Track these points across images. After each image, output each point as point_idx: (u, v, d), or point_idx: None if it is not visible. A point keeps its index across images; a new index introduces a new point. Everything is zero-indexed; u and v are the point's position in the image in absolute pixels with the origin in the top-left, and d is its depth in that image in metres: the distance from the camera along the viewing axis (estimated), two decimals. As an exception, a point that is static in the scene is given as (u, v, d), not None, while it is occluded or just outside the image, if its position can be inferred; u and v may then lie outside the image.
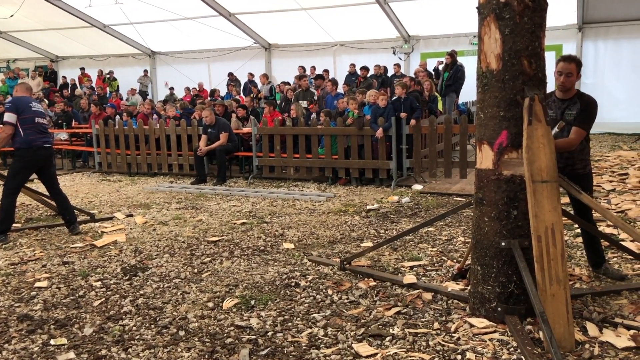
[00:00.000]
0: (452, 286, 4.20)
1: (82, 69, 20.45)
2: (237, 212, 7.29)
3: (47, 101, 16.03)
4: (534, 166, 3.43)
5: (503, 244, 3.58)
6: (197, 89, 17.75)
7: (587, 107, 4.05)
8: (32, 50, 22.09)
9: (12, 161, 6.30)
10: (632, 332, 3.36)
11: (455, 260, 4.88)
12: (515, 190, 3.57)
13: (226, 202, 8.00)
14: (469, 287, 3.94)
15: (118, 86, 19.67)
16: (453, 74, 12.00)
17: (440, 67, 13.33)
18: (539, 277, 3.32)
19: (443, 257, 5.03)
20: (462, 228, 6.02)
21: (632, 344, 3.21)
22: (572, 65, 4.04)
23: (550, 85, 3.70)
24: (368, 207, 7.21)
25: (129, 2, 16.07)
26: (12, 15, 17.42)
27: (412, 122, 8.43)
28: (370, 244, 5.42)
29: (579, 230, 5.50)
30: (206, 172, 9.90)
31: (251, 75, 17.20)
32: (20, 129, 6.03)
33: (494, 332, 3.46)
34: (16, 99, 6.22)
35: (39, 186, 6.71)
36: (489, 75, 3.63)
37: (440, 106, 10.81)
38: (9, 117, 5.99)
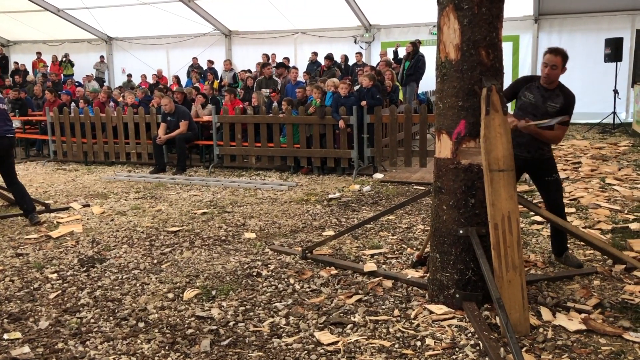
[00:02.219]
0: (412, 273, 4.27)
1: (39, 53, 19.77)
2: (197, 201, 7.21)
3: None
4: (491, 155, 3.50)
5: (461, 231, 3.65)
6: (157, 75, 17.39)
7: (570, 104, 4.19)
8: (-20, 35, 21.26)
9: None
10: (583, 315, 3.48)
11: (414, 248, 4.96)
12: (473, 179, 3.64)
13: (186, 191, 7.90)
14: (428, 275, 4.00)
15: (73, 73, 19.10)
16: (414, 63, 12.10)
17: (400, 50, 13.40)
18: (495, 264, 3.40)
19: (403, 245, 5.09)
20: (421, 216, 6.11)
21: (583, 327, 3.32)
22: (557, 58, 4.11)
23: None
24: (330, 196, 7.23)
25: (84, -14, 15.63)
26: (-42, -2, 16.69)
27: (363, 103, 8.46)
28: (331, 233, 5.45)
29: (534, 218, 5.67)
30: (165, 161, 9.75)
31: (210, 62, 16.96)
32: None
33: (453, 318, 3.53)
34: None
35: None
36: (448, 65, 3.67)
37: (400, 95, 10.90)
38: None
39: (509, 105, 3.84)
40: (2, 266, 4.76)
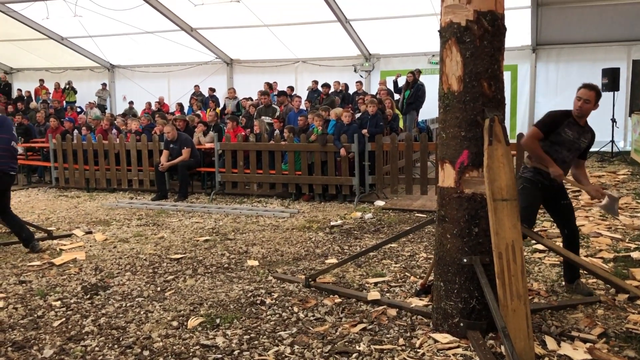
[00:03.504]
0: (416, 302, 4.28)
1: (42, 80, 19.97)
2: (199, 228, 7.23)
3: None
4: (494, 185, 3.55)
5: (465, 260, 3.68)
6: (159, 102, 17.54)
7: (593, 140, 4.43)
8: (-16, 62, 21.49)
9: None
10: (588, 345, 3.48)
11: (418, 276, 4.97)
12: (477, 208, 3.68)
13: (188, 218, 7.93)
14: (432, 303, 4.01)
15: (75, 100, 19.27)
16: (414, 92, 12.25)
17: (400, 80, 13.57)
18: (500, 292, 3.42)
19: (406, 273, 5.11)
20: (424, 244, 6.13)
21: (588, 356, 3.33)
22: (592, 93, 4.24)
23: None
24: (332, 223, 7.26)
25: (88, 15, 15.84)
26: (-36, 26, 16.93)
27: (365, 131, 8.56)
28: (334, 261, 5.47)
29: (536, 246, 5.69)
30: (167, 188, 9.79)
31: (212, 90, 17.13)
32: None
33: (457, 347, 3.54)
34: (3, 116, 6.13)
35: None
36: (451, 96, 3.74)
37: (401, 124, 11.01)
38: None
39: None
40: (5, 294, 4.76)
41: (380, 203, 8.44)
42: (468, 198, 3.69)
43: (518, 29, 13.88)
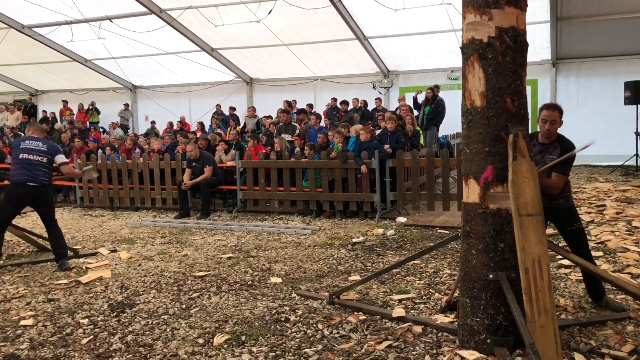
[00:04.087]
0: (441, 319, 4.25)
1: (65, 102, 20.39)
2: (222, 246, 7.28)
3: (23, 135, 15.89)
4: (519, 200, 3.54)
5: (491, 276, 3.66)
6: (180, 122, 17.80)
7: (567, 151, 4.14)
8: (10, 84, 22.01)
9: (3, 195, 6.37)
10: (618, 362, 3.43)
11: (442, 293, 4.94)
12: (502, 223, 3.67)
13: (211, 236, 7.99)
14: (458, 320, 3.99)
15: (99, 120, 19.62)
16: (434, 108, 12.25)
17: (419, 97, 13.59)
18: (527, 308, 3.39)
19: (430, 290, 5.08)
20: (447, 260, 6.09)
21: (619, 373, 3.28)
22: (555, 113, 4.19)
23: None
24: (353, 240, 7.26)
25: (111, 37, 16.20)
26: (-8, 50, 17.40)
27: (386, 147, 8.58)
28: (357, 278, 5.46)
29: (562, 262, 5.63)
30: (190, 206, 9.89)
31: (232, 109, 17.33)
32: (12, 166, 6.22)
33: (485, 364, 3.51)
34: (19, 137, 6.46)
35: (19, 222, 6.64)
36: (474, 112, 3.76)
37: (421, 140, 11.01)
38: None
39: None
40: (35, 311, 4.84)
41: (402, 219, 8.42)
42: (493, 213, 3.68)
43: (537, 44, 13.87)
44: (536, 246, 3.49)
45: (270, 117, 15.18)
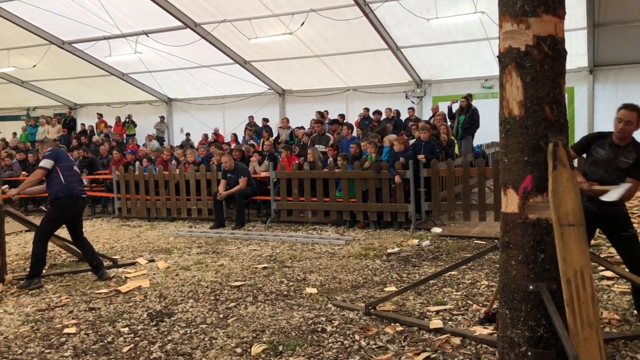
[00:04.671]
0: (480, 330, 4.19)
1: (100, 115, 20.90)
2: (257, 256, 7.34)
3: (65, 147, 16.34)
4: (560, 210, 3.48)
5: (531, 287, 3.59)
6: (214, 134, 18.06)
7: None
8: (51, 99, 22.71)
9: (51, 208, 6.37)
10: (666, 376, 3.33)
11: (481, 304, 4.88)
12: (542, 233, 3.61)
13: (246, 246, 8.06)
14: (497, 332, 3.93)
15: (135, 133, 20.04)
16: (470, 116, 12.15)
17: (454, 106, 13.49)
18: (570, 320, 3.32)
19: (468, 301, 5.02)
20: (484, 271, 6.02)
21: (667, 388, 3.18)
22: (633, 114, 4.02)
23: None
24: (388, 251, 7.23)
25: (147, 52, 16.58)
26: (34, 66, 17.99)
27: (421, 157, 8.53)
28: (393, 288, 5.44)
29: (603, 273, 5.50)
30: (225, 217, 10.00)
31: (265, 120, 17.50)
32: (61, 177, 6.19)
33: (526, 377, 3.44)
34: (55, 148, 6.47)
35: (60, 232, 6.82)
36: (512, 121, 3.72)
37: (456, 149, 10.91)
38: (45, 162, 6.18)
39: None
40: (77, 320, 4.95)
41: (437, 230, 8.36)
42: (533, 223, 3.62)
43: (574, 51, 13.63)
44: (578, 257, 3.43)
45: (302, 127, 15.27)
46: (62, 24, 15.66)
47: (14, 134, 20.72)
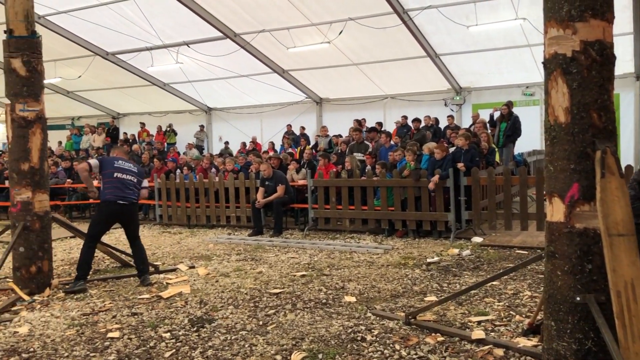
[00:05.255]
0: (524, 342, 4.10)
1: (143, 124, 21.38)
2: (295, 264, 7.35)
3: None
4: (609, 219, 3.37)
5: (578, 298, 3.49)
6: (252, 142, 18.26)
7: None
8: (95, 108, 23.38)
9: (94, 212, 6.70)
10: None
11: (524, 315, 4.77)
12: (589, 243, 3.51)
13: (284, 253, 8.08)
14: (542, 344, 3.83)
15: (175, 141, 20.42)
16: (511, 124, 11.94)
17: (496, 114, 13.30)
18: (620, 334, 3.21)
19: (511, 312, 4.91)
20: (527, 282, 5.88)
21: None
22: None
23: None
24: (428, 260, 7.15)
25: (188, 62, 16.90)
26: (79, 76, 18.55)
27: (460, 165, 8.42)
28: (434, 298, 5.36)
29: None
30: (263, 224, 10.07)
31: (302, 128, 17.60)
32: (103, 183, 6.53)
33: (574, 391, 3.34)
34: (111, 157, 6.87)
35: (103, 238, 6.99)
36: (558, 128, 3.63)
37: (497, 157, 10.74)
38: (91, 160, 6.67)
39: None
40: (120, 324, 5.05)
41: (478, 239, 8.22)
42: (579, 233, 3.52)
43: (620, 56, 13.19)
44: (628, 268, 3.31)
45: (340, 136, 15.28)
46: (106, 36, 16.12)
47: (59, 142, 21.37)
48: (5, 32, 6.24)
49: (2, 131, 25.78)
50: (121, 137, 21.46)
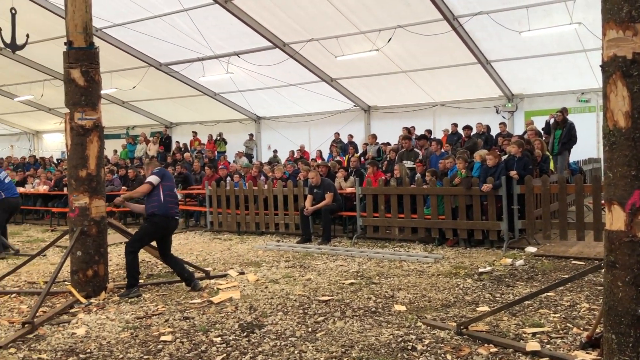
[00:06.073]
0: (582, 355, 3.95)
1: (195, 132, 21.86)
2: (344, 271, 7.33)
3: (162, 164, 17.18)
4: (674, 228, 3.22)
5: (640, 311, 3.35)
6: (300, 150, 18.38)
7: None
8: (148, 118, 24.06)
9: (145, 224, 6.72)
10: None
11: (582, 328, 4.60)
12: (652, 253, 3.36)
13: (332, 261, 8.08)
14: (601, 358, 3.68)
15: (225, 150, 20.77)
16: (567, 131, 11.59)
17: (552, 121, 12.93)
18: (687, 349, 3.05)
19: (568, 324, 4.75)
20: (584, 293, 5.67)
21: None
22: None
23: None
24: (480, 270, 7.00)
25: (238, 71, 17.19)
26: (134, 87, 19.14)
27: (513, 173, 8.22)
28: (486, 308, 5.24)
29: None
30: (311, 232, 10.09)
31: (350, 136, 17.59)
32: (161, 195, 6.52)
33: (637, 408, 3.19)
34: (162, 168, 6.89)
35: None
36: (617, 133, 3.50)
37: (551, 165, 10.43)
38: (152, 178, 6.56)
39: None
40: (172, 328, 5.15)
41: (531, 249, 8.00)
42: (642, 243, 3.38)
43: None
44: (696, 280, 3.15)
45: (388, 144, 15.20)
46: (159, 47, 16.60)
47: (115, 151, 22.07)
48: (65, 44, 6.51)
49: (60, 141, 26.84)
50: (173, 145, 21.99)
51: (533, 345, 4.16)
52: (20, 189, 14.74)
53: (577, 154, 13.04)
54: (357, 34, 14.31)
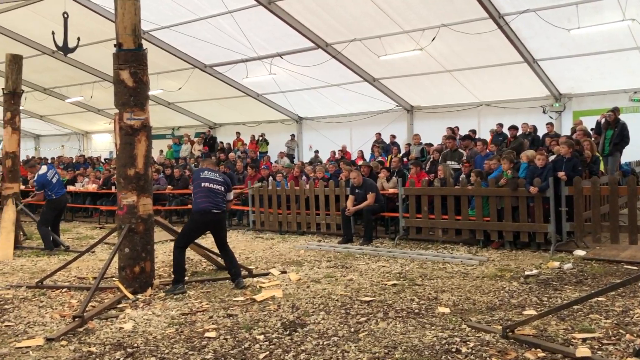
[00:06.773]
0: (636, 363, 3.80)
1: (238, 133, 22.13)
2: (386, 272, 7.27)
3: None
4: None
5: (701, 318, 3.20)
6: (342, 151, 18.36)
7: None
8: (193, 118, 24.47)
9: (188, 221, 6.93)
10: None
11: (635, 334, 4.43)
12: None
13: (374, 262, 8.03)
14: (657, 366, 3.54)
15: (267, 150, 20.93)
16: (619, 132, 11.19)
17: (602, 121, 12.53)
18: None
19: (620, 330, 4.58)
20: (638, 299, 5.47)
21: None
22: None
23: None
24: (526, 273, 6.84)
25: (280, 72, 17.30)
26: (179, 88, 19.50)
27: (561, 174, 7.99)
28: (533, 312, 5.11)
29: None
30: (353, 232, 10.05)
31: (393, 137, 17.45)
32: (194, 194, 6.85)
33: (696, 419, 3.05)
34: (199, 169, 7.15)
35: (200, 241, 7.25)
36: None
37: (601, 167, 10.10)
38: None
39: None
40: (216, 325, 5.21)
41: (580, 252, 7.76)
42: (703, 246, 3.23)
43: None
44: None
45: (431, 144, 15.01)
46: (204, 49, 16.87)
47: (161, 151, 22.53)
48: (114, 45, 6.67)
49: (108, 141, 27.59)
50: (217, 146, 22.30)
51: (583, 351, 4.03)
52: (70, 188, 15.24)
53: (629, 154, 12.58)
54: (401, 34, 14.20)
